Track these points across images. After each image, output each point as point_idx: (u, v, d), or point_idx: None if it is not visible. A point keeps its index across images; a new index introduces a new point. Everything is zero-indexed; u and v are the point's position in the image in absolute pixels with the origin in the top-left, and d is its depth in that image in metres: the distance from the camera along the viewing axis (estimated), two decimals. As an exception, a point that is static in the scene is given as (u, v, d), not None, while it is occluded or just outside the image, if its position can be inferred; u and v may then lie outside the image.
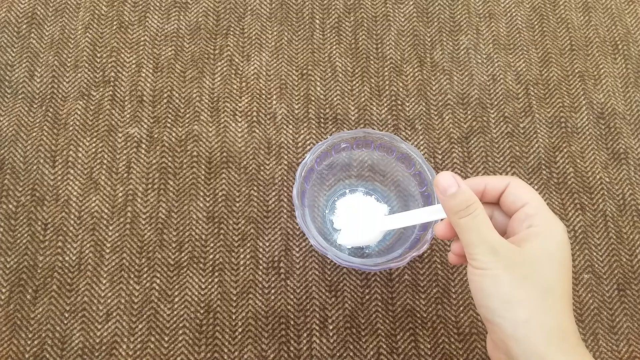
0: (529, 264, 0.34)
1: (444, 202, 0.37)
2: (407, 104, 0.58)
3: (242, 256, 0.53)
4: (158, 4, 0.62)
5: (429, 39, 0.62)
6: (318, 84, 0.59)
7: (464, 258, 0.41)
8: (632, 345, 0.51)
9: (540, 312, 0.33)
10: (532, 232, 0.36)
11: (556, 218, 0.37)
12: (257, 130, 0.57)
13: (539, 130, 0.58)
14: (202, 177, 0.55)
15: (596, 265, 0.53)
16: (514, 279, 0.34)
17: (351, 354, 0.50)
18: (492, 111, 0.59)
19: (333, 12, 0.62)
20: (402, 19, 0.62)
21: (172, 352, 0.49)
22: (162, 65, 0.59)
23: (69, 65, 0.59)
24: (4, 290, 0.51)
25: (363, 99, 0.59)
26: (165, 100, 0.58)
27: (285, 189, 0.55)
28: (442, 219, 0.41)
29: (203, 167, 0.55)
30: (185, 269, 0.52)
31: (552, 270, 0.35)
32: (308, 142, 0.57)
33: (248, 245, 0.53)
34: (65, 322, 0.50)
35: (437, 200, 0.46)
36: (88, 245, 0.52)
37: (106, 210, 0.54)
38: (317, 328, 0.51)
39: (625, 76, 0.61)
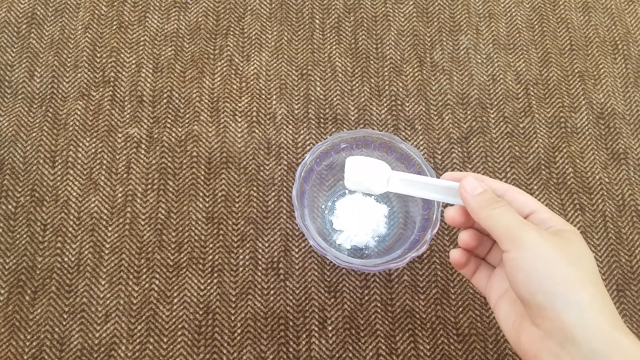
0: (575, 247, 0.34)
1: (471, 199, 0.37)
2: (407, 104, 0.58)
3: (241, 257, 0.53)
4: (158, 4, 0.62)
5: (428, 39, 0.62)
6: (318, 84, 0.59)
7: (468, 258, 0.40)
8: (632, 346, 0.51)
9: (599, 293, 0.32)
10: (556, 230, 0.35)
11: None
12: (257, 131, 0.57)
13: (538, 131, 0.58)
14: (202, 178, 0.55)
15: (596, 266, 0.53)
16: (568, 259, 0.33)
17: (350, 355, 0.50)
18: (491, 111, 0.59)
19: (333, 12, 0.62)
20: (402, 19, 0.62)
21: (171, 353, 0.49)
22: (162, 65, 0.59)
23: (69, 65, 0.59)
24: (2, 291, 0.51)
25: (363, 99, 0.58)
26: (165, 101, 0.58)
27: (284, 189, 0.55)
28: (448, 205, 0.40)
29: (203, 167, 0.55)
30: (184, 270, 0.52)
31: (591, 260, 0.34)
32: (308, 142, 0.57)
33: (247, 246, 0.53)
34: (64, 323, 0.50)
35: (437, 203, 0.46)
36: (87, 246, 0.52)
37: (105, 211, 0.53)
38: (316, 329, 0.51)
39: (625, 76, 0.61)
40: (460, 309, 0.52)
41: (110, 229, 0.53)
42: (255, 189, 0.55)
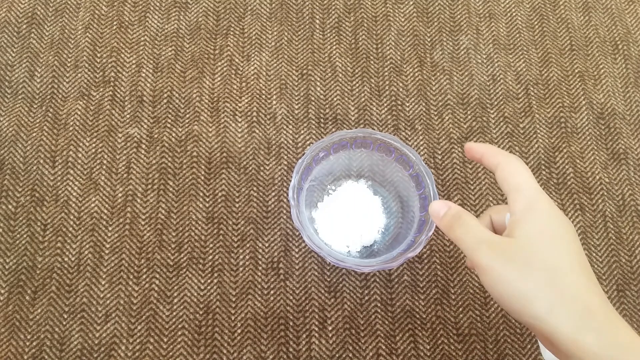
0: (524, 251, 0.33)
1: (439, 224, 0.38)
2: (407, 104, 0.58)
3: (241, 257, 0.53)
4: (158, 4, 0.62)
5: (429, 39, 0.62)
6: (318, 84, 0.59)
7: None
8: (632, 346, 0.51)
9: (557, 297, 0.32)
10: (517, 218, 0.35)
11: (540, 194, 0.35)
12: (257, 131, 0.57)
13: (538, 131, 0.58)
14: (202, 178, 0.55)
15: (596, 266, 0.53)
16: (518, 272, 0.32)
17: (350, 355, 0.50)
18: (492, 111, 0.59)
19: (333, 12, 0.62)
20: (402, 19, 0.62)
21: (171, 353, 0.49)
22: (162, 65, 0.59)
23: (69, 65, 0.59)
24: (2, 291, 0.51)
25: (363, 99, 0.58)
26: (165, 101, 0.58)
27: (284, 189, 0.55)
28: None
29: (203, 167, 0.55)
30: (184, 270, 0.52)
31: (549, 247, 0.33)
32: (308, 142, 0.57)
33: (247, 246, 0.53)
34: (64, 323, 0.50)
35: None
36: (87, 246, 0.52)
37: (106, 211, 0.54)
38: (316, 329, 0.51)
39: (625, 76, 0.61)
40: (460, 309, 0.52)
41: (110, 229, 0.53)
42: (255, 189, 0.55)
